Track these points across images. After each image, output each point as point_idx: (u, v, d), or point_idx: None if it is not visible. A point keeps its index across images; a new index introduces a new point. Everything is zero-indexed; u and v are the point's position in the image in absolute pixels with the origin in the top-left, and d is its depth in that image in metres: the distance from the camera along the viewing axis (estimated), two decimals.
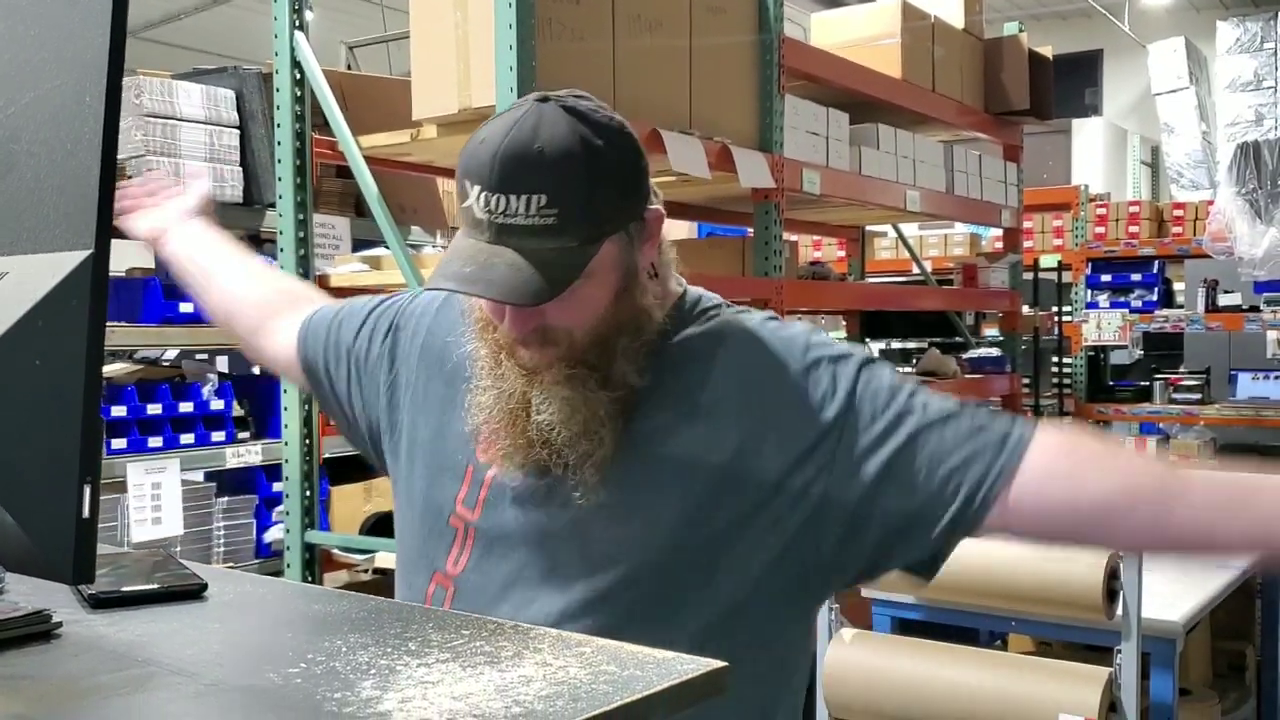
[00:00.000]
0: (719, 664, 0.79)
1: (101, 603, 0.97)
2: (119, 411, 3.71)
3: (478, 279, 1.20)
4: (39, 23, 0.81)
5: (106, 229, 0.75)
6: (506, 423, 1.28)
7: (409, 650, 0.83)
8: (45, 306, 0.76)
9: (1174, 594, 2.83)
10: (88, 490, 0.75)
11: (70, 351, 0.75)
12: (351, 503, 4.23)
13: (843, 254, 6.21)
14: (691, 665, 0.79)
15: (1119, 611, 2.54)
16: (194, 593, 1.01)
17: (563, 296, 1.22)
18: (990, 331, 6.72)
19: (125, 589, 0.99)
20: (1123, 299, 6.93)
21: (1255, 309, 6.42)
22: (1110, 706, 2.47)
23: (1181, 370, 7.13)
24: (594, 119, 1.24)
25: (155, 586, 1.00)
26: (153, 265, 4.16)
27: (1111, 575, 2.53)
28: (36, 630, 0.88)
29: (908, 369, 5.25)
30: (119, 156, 3.65)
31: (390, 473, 1.52)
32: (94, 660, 0.84)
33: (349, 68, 6.19)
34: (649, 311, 1.31)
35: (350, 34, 7.53)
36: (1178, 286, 7.56)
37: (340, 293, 3.55)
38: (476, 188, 1.22)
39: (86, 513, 0.75)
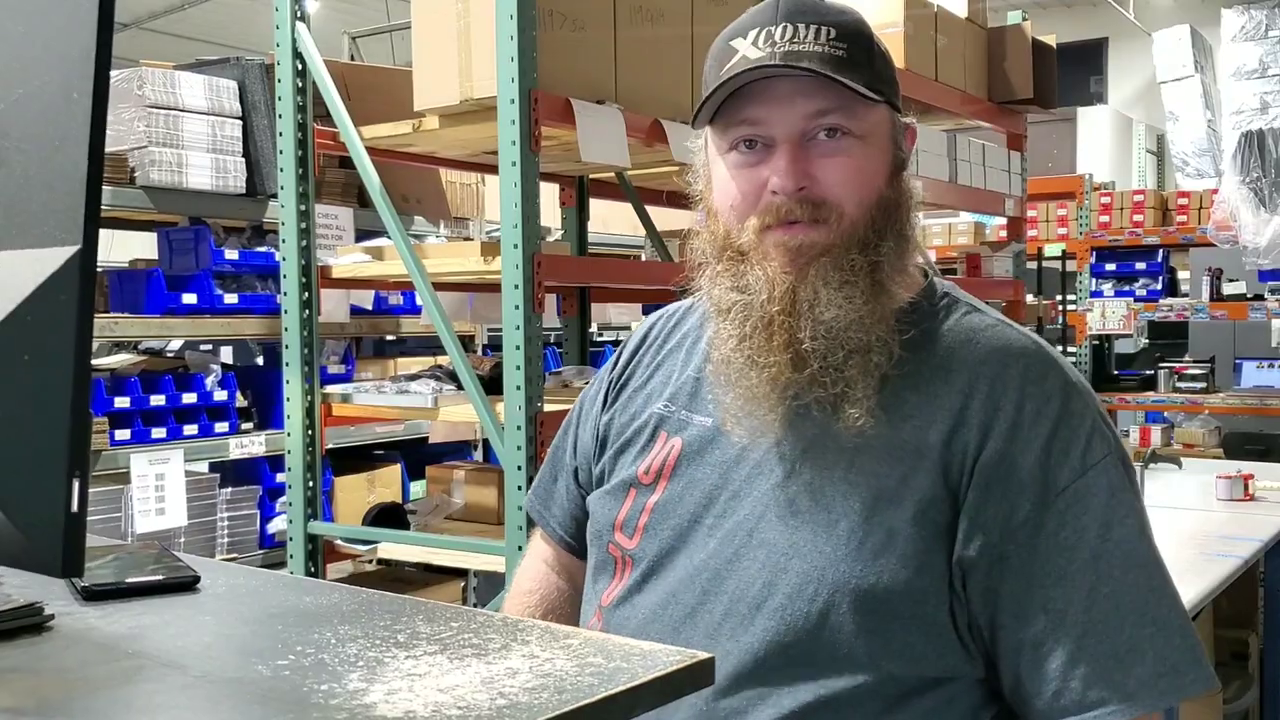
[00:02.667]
0: (704, 655, 0.79)
1: (94, 595, 0.97)
2: (122, 403, 3.73)
3: (770, 62, 1.14)
4: (28, 19, 0.82)
5: (94, 224, 0.75)
6: (765, 339, 1.16)
7: (397, 642, 0.84)
8: (33, 301, 0.77)
9: (1176, 583, 2.82)
10: (76, 484, 0.75)
11: (58, 346, 0.76)
12: (355, 493, 4.25)
13: None
14: (677, 657, 0.79)
15: None
16: (186, 585, 1.01)
17: (839, 158, 1.16)
18: None
19: (118, 581, 1.00)
20: (1127, 288, 6.94)
21: (1260, 297, 6.42)
22: None
23: (1186, 359, 7.13)
24: None
25: (147, 578, 1.01)
26: (155, 256, 4.17)
27: None
28: (28, 623, 0.89)
29: None
30: (122, 148, 3.65)
31: None
32: (84, 653, 0.84)
33: (352, 58, 6.20)
34: (914, 219, 1.22)
35: (354, 25, 7.53)
36: (1182, 275, 7.57)
37: (342, 283, 3.56)
38: (752, 32, 1.18)
39: (75, 506, 0.75)
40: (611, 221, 5.70)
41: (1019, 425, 1.14)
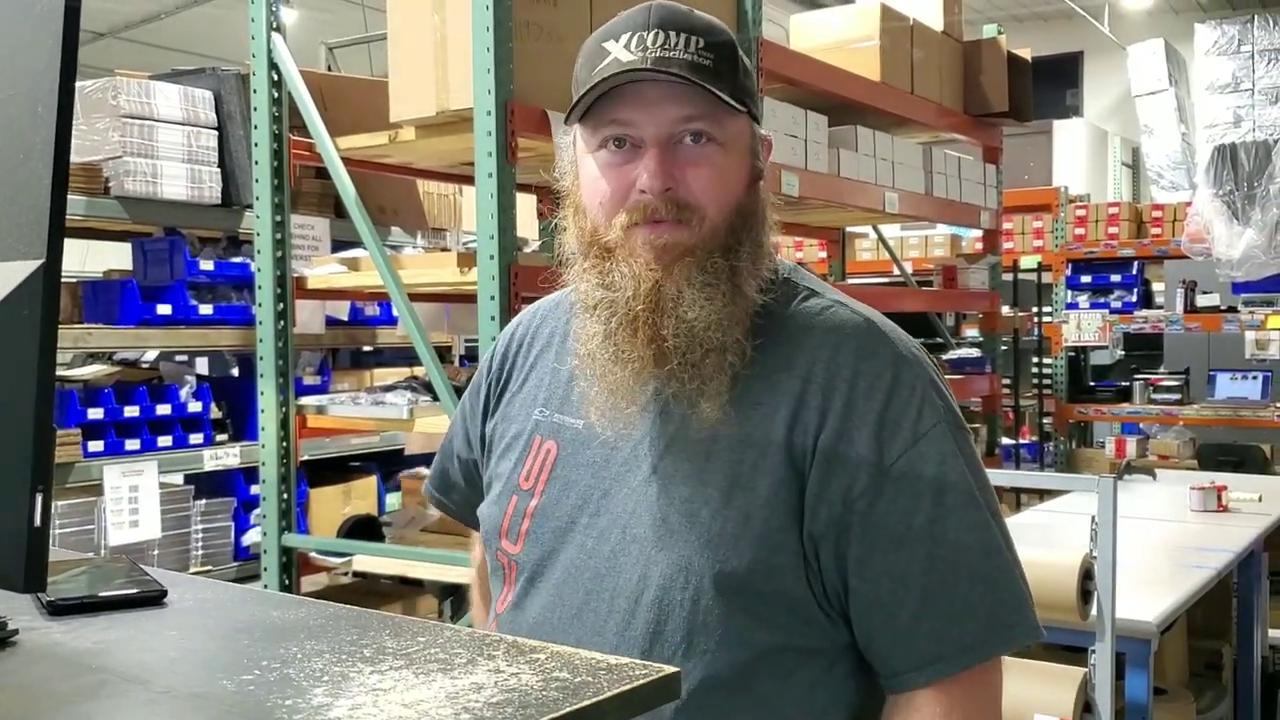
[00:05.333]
0: (671, 670, 0.79)
1: (60, 610, 0.97)
2: (96, 414, 3.70)
3: (643, 66, 1.19)
4: None
5: (58, 238, 0.75)
6: (629, 334, 1.20)
7: (363, 657, 0.84)
8: None
9: (1149, 594, 2.84)
10: (39, 499, 0.75)
11: (22, 360, 0.76)
12: (331, 505, 4.24)
13: (824, 255, 6.23)
14: (644, 671, 0.79)
15: (1093, 612, 2.55)
16: (153, 599, 1.01)
17: (704, 163, 1.21)
18: (970, 332, 6.75)
19: (84, 596, 0.99)
20: (1102, 300, 6.97)
21: (1233, 309, 6.47)
22: (1085, 707, 2.48)
23: (1161, 370, 7.17)
24: None
25: (114, 593, 1.00)
26: (130, 266, 4.15)
27: (1086, 576, 2.54)
28: None
29: None
30: (96, 158, 3.62)
31: None
32: (49, 668, 0.84)
33: (329, 68, 6.18)
34: (770, 226, 1.28)
35: (332, 35, 7.51)
36: (1157, 287, 7.61)
37: (317, 294, 3.55)
38: (625, 35, 1.22)
39: (38, 521, 0.75)
40: None
41: (853, 403, 1.20)
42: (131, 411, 3.80)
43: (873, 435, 1.19)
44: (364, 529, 3.64)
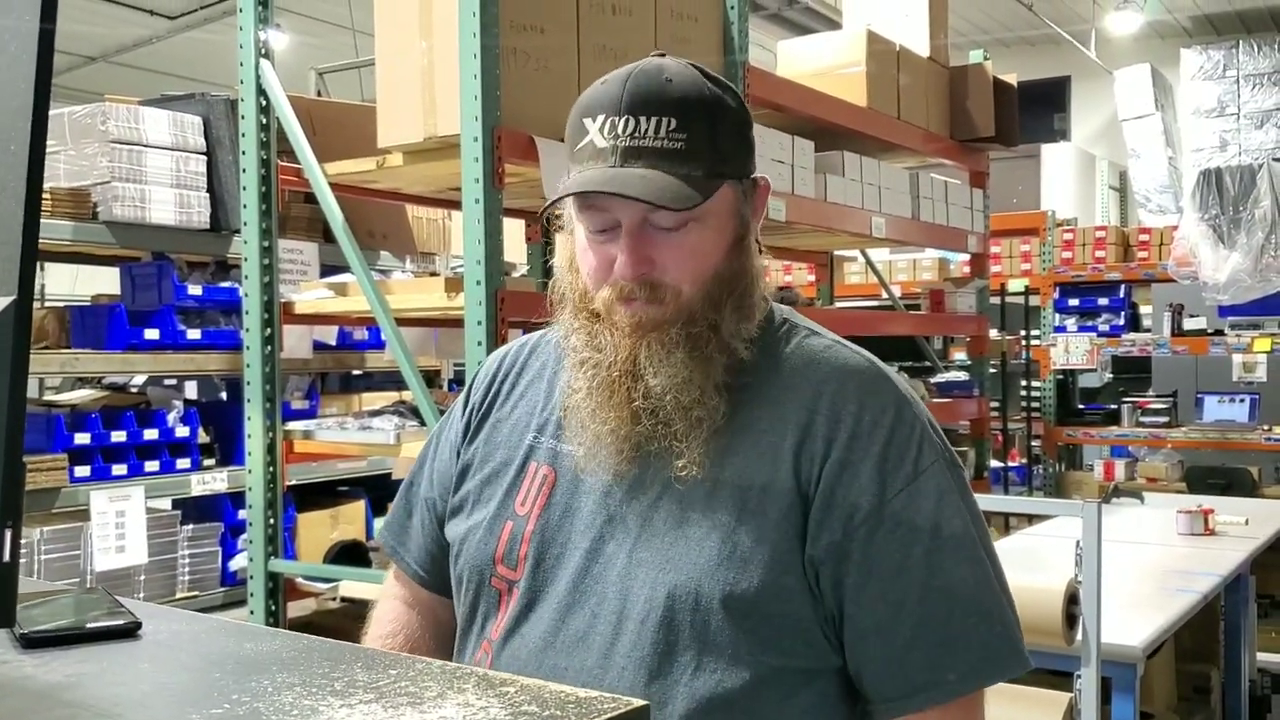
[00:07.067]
0: (640, 703, 0.80)
1: (33, 642, 0.96)
2: (83, 439, 3.70)
3: (613, 181, 1.22)
4: None
5: (30, 276, 0.76)
6: (606, 395, 1.27)
7: (334, 690, 0.84)
8: None
9: (1136, 618, 2.84)
10: (8, 534, 0.75)
11: None
12: (319, 529, 4.22)
13: (812, 279, 6.26)
14: (612, 704, 0.79)
15: (1078, 637, 2.55)
16: (128, 631, 1.01)
17: (676, 243, 1.25)
18: (958, 355, 6.77)
19: (58, 628, 0.99)
20: (1090, 323, 7.01)
21: (1220, 333, 6.51)
22: None
23: (1149, 393, 7.20)
24: (710, 73, 1.31)
25: (88, 626, 1.00)
26: (118, 291, 4.15)
27: (1071, 600, 2.55)
28: None
29: None
30: (85, 183, 3.62)
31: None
32: (19, 702, 0.84)
33: (319, 93, 6.21)
34: (757, 277, 1.32)
35: (323, 59, 7.54)
36: (1144, 310, 7.64)
37: (305, 319, 3.55)
38: (600, 116, 1.26)
39: (7, 556, 0.75)
40: None
41: (857, 435, 1.25)
42: (119, 436, 3.80)
43: (876, 469, 1.24)
44: (351, 554, 3.63)
